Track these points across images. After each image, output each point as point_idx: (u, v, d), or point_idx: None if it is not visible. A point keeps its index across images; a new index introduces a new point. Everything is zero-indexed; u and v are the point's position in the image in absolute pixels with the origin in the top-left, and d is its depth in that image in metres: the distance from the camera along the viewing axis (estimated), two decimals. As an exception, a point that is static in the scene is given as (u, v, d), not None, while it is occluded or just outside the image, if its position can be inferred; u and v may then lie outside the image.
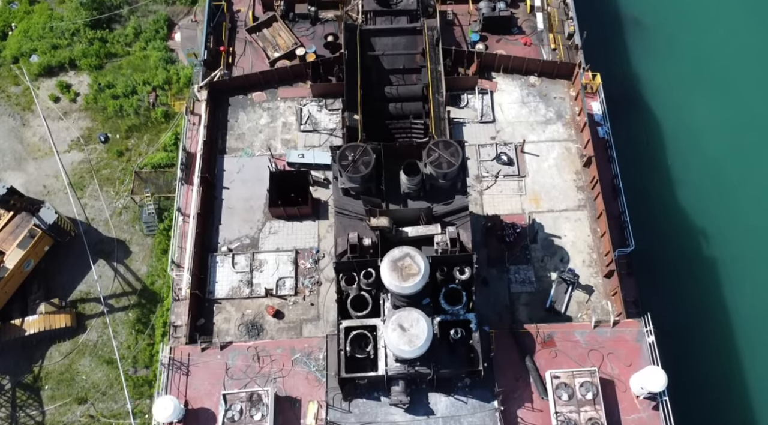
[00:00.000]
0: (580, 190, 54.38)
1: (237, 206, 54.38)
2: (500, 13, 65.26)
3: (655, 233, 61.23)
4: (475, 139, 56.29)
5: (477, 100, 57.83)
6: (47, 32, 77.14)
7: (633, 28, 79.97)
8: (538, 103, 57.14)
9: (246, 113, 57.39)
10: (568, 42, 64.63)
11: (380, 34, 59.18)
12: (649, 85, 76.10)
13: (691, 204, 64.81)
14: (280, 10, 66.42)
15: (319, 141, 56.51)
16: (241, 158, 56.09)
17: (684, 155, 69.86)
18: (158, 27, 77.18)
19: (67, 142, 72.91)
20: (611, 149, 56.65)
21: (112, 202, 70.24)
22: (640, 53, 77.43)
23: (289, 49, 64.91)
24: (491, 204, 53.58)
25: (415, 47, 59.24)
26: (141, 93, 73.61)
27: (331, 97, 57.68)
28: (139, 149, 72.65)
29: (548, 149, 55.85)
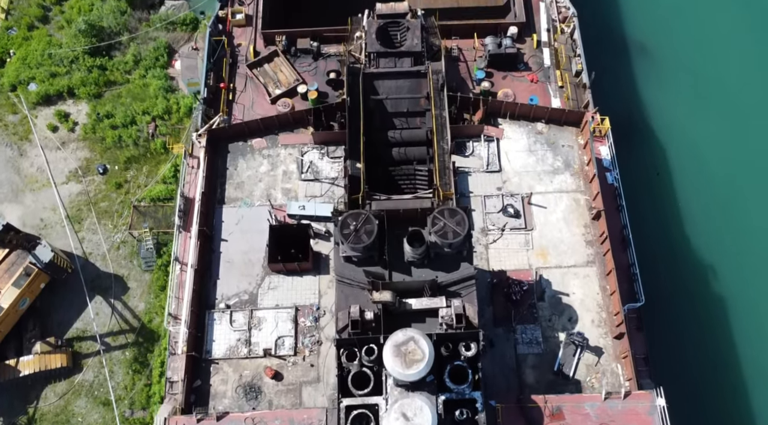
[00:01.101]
0: (588, 244, 50.85)
1: (235, 259, 50.81)
2: (506, 50, 61.54)
3: (665, 284, 57.37)
4: (481, 189, 52.82)
5: (483, 148, 54.28)
6: (46, 59, 73.14)
7: (638, 53, 76.81)
8: (546, 151, 53.54)
9: (246, 160, 53.76)
10: (576, 79, 60.85)
11: (384, 77, 55.23)
12: (656, 111, 72.86)
13: (703, 246, 61.30)
14: (281, 44, 62.64)
15: (320, 190, 52.92)
16: (240, 208, 52.58)
17: (693, 187, 66.75)
18: (158, 54, 73.20)
19: (64, 173, 69.11)
20: (620, 197, 53.15)
21: (110, 236, 66.51)
22: (647, 79, 74.20)
23: (291, 86, 61.35)
24: (497, 259, 50.05)
25: (419, 91, 55.61)
26: (140, 123, 69.89)
27: (333, 145, 53.57)
28: (138, 181, 68.93)
29: (556, 201, 52.31)
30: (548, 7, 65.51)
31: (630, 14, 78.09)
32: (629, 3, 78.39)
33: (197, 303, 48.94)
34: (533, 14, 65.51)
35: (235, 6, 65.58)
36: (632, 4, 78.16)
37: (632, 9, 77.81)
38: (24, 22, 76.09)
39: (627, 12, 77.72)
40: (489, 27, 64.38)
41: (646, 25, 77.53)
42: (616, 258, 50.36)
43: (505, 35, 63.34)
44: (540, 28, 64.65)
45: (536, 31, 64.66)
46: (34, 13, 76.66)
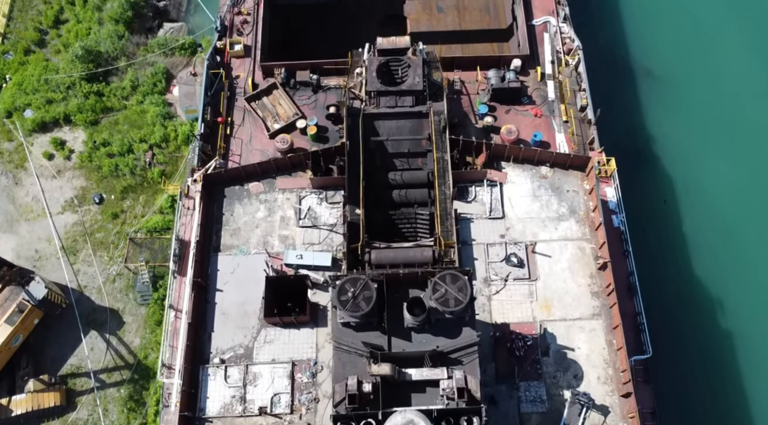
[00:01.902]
0: (594, 296, 47.87)
1: (231, 310, 47.87)
2: (510, 84, 58.46)
3: (673, 332, 54.57)
4: (484, 237, 49.83)
5: (485, 193, 51.31)
6: (42, 85, 70.01)
7: (644, 79, 73.94)
8: (551, 197, 50.38)
9: (242, 205, 50.62)
10: (581, 114, 57.48)
11: (384, 118, 52.14)
12: (662, 139, 70.01)
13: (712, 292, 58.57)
14: (280, 77, 59.38)
15: (318, 238, 49.93)
16: (236, 256, 49.59)
17: (702, 224, 64.12)
18: (156, 80, 70.14)
19: (60, 202, 66.09)
20: (627, 242, 50.07)
21: (106, 268, 63.57)
22: (653, 106, 71.33)
23: (290, 120, 58.34)
24: (500, 311, 47.11)
25: (421, 131, 52.74)
26: (137, 151, 66.87)
27: (332, 190, 50.52)
28: (135, 211, 65.96)
29: (561, 249, 49.36)
30: (552, 38, 62.06)
31: (635, 40, 75.08)
32: (634, 29, 75.74)
33: (191, 358, 45.59)
34: (537, 45, 61.95)
35: (233, 36, 61.56)
36: (637, 30, 75.50)
37: (638, 35, 75.09)
38: (20, 46, 72.88)
39: (632, 38, 74.74)
40: (492, 59, 60.91)
41: (651, 51, 74.61)
42: (622, 306, 47.69)
43: (509, 68, 59.80)
44: (544, 59, 61.32)
45: (540, 63, 60.98)
46: (30, 37, 73.43)
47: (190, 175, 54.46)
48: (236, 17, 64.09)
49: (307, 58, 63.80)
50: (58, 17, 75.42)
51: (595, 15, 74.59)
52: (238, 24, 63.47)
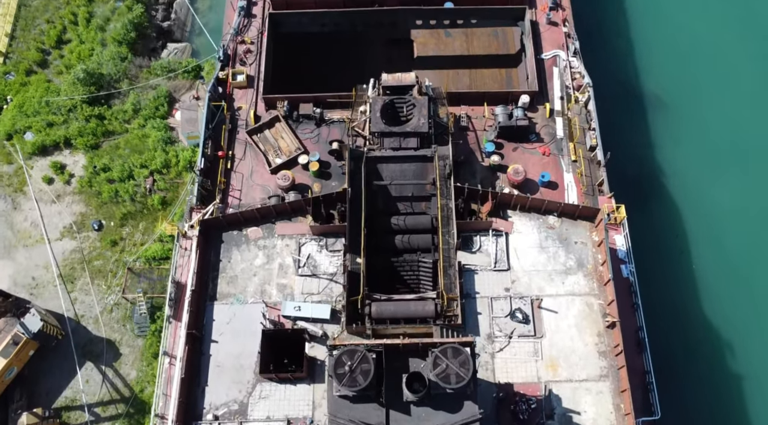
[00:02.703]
0: (602, 356, 44.90)
1: (226, 363, 44.99)
2: (517, 122, 55.40)
3: (683, 392, 51.61)
4: (488, 290, 46.85)
5: (491, 243, 48.17)
6: (43, 107, 67.00)
7: (654, 108, 71.10)
8: (558, 248, 47.06)
9: (240, 251, 47.38)
10: (590, 154, 54.27)
11: (388, 161, 48.81)
12: (672, 171, 67.30)
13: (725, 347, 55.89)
14: (283, 109, 55.98)
15: (318, 287, 46.95)
16: (233, 305, 46.62)
17: (714, 266, 61.78)
18: (158, 104, 67.11)
19: (59, 228, 63.16)
20: (636, 295, 46.95)
21: (104, 297, 60.77)
22: (663, 136, 68.41)
23: (292, 155, 55.22)
24: (503, 370, 44.21)
25: (425, 175, 49.80)
26: (138, 177, 63.65)
27: (332, 237, 47.27)
28: (134, 239, 62.99)
29: (568, 305, 46.30)
30: (562, 73, 58.69)
31: (646, 69, 71.92)
32: (645, 58, 72.65)
33: (183, 414, 42.57)
34: (546, 80, 58.42)
35: (236, 66, 58.28)
36: (648, 59, 72.46)
37: (648, 64, 72.11)
38: (22, 67, 69.87)
39: (643, 67, 71.66)
40: (500, 95, 57.46)
41: (662, 80, 71.50)
42: (630, 362, 45.06)
43: (516, 105, 56.38)
44: (553, 96, 57.85)
45: (549, 99, 57.56)
46: (32, 58, 70.29)
47: (188, 215, 51.29)
48: (239, 46, 60.34)
49: (311, 86, 61.02)
50: (61, 37, 72.42)
51: (605, 43, 71.51)
52: (242, 53, 60.35)
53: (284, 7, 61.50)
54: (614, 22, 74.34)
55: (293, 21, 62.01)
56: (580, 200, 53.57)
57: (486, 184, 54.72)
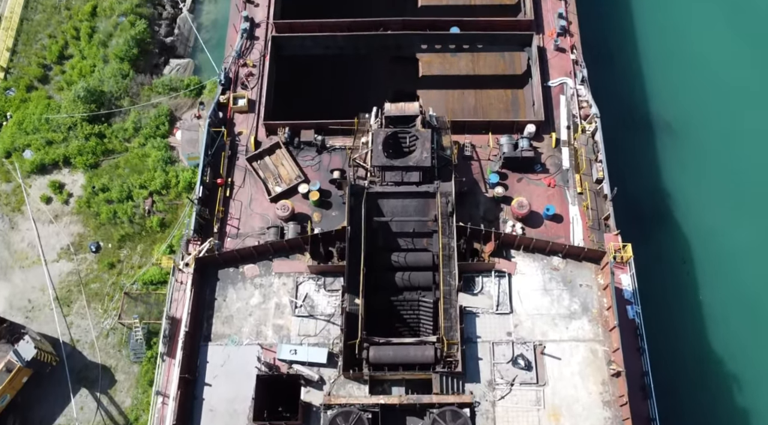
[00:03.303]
0: (606, 406, 42.91)
1: (219, 408, 43.00)
2: (523, 153, 53.25)
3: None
4: (490, 334, 44.81)
5: (493, 284, 46.07)
6: (42, 125, 64.92)
7: (663, 133, 68.66)
8: (562, 291, 44.72)
9: (236, 289, 45.05)
10: (596, 187, 52.04)
11: (389, 197, 46.54)
12: (680, 198, 64.91)
13: (732, 389, 53.05)
14: (284, 136, 53.62)
15: (315, 329, 44.95)
16: (227, 346, 44.67)
17: (720, 294, 59.67)
18: (159, 123, 65.06)
19: (56, 250, 61.10)
20: (642, 338, 44.63)
21: (100, 321, 58.80)
22: (671, 162, 66.10)
23: (292, 184, 53.07)
24: (504, 419, 42.34)
25: (427, 211, 47.89)
26: (137, 198, 61.54)
27: (330, 276, 45.08)
28: (132, 261, 60.92)
29: (571, 351, 44.15)
30: (569, 101, 56.24)
31: (654, 94, 69.23)
32: (654, 82, 70.35)
33: (172, 466, 40.53)
34: (552, 108, 56.01)
35: (237, 90, 55.96)
36: (657, 83, 70.08)
37: (657, 89, 69.78)
38: (23, 82, 67.75)
39: (651, 91, 69.03)
40: (505, 124, 55.03)
41: (671, 105, 69.06)
42: (634, 408, 43.24)
43: (522, 134, 54.04)
44: (560, 125, 55.43)
45: (555, 128, 55.19)
46: (33, 73, 68.10)
47: (184, 247, 49.13)
48: (241, 69, 57.92)
49: (314, 108, 59.66)
50: (63, 52, 70.06)
51: (614, 66, 69.65)
52: (243, 77, 57.86)
53: (287, 30, 59.24)
54: (623, 45, 72.11)
55: (296, 44, 59.86)
56: (585, 234, 51.33)
57: (490, 216, 52.68)
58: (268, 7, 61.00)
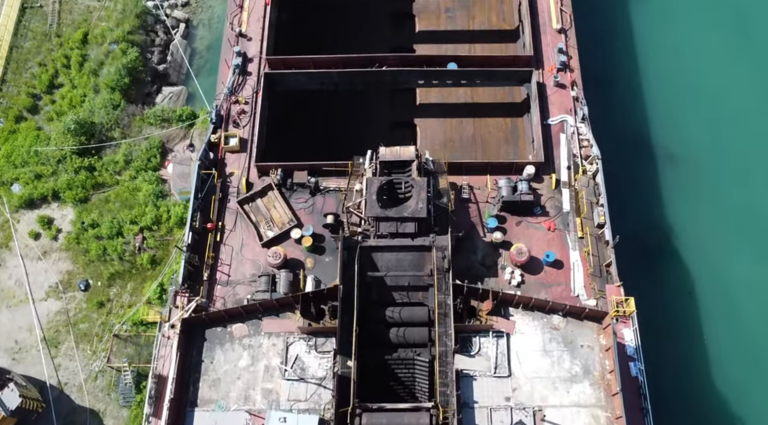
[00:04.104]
0: (608, 475, 39.40)
1: (206, 479, 39.54)
2: (522, 196, 50.71)
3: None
4: (487, 399, 42.10)
5: (491, 344, 43.19)
6: (32, 157, 62.11)
7: (666, 164, 65.86)
8: (563, 352, 42.06)
9: (224, 350, 42.40)
10: (598, 232, 49.23)
11: (383, 251, 43.62)
12: (683, 231, 62.30)
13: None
14: (276, 177, 50.63)
15: (305, 393, 42.27)
16: (214, 412, 41.99)
17: (724, 332, 57.32)
18: (151, 155, 61.97)
19: (44, 288, 58.40)
20: (645, 398, 42.04)
21: (89, 363, 56.11)
22: (675, 195, 63.42)
23: (285, 228, 50.21)
24: (502, 490, 38.67)
25: (422, 265, 45.40)
26: (127, 235, 58.62)
27: (322, 337, 42.06)
28: (122, 300, 58.25)
29: (572, 417, 41.79)
30: (569, 140, 53.26)
31: (656, 122, 66.36)
32: (656, 111, 67.68)
33: None
34: (552, 147, 53.06)
35: (229, 128, 52.94)
36: (659, 112, 67.49)
37: (659, 117, 67.17)
38: (12, 113, 64.82)
39: (653, 120, 66.30)
40: (503, 165, 52.10)
41: (673, 135, 66.73)
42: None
43: (521, 176, 51.34)
44: (560, 165, 52.49)
45: (555, 169, 52.36)
46: (23, 103, 65.17)
47: (172, 299, 46.29)
48: (233, 106, 54.89)
49: (309, 144, 57.92)
50: (53, 81, 66.85)
51: (614, 95, 67.44)
52: (235, 115, 54.86)
53: (281, 66, 56.35)
54: (623, 74, 68.73)
55: (290, 80, 56.88)
56: (586, 281, 49.00)
57: (488, 261, 50.23)
58: (261, 41, 57.89)
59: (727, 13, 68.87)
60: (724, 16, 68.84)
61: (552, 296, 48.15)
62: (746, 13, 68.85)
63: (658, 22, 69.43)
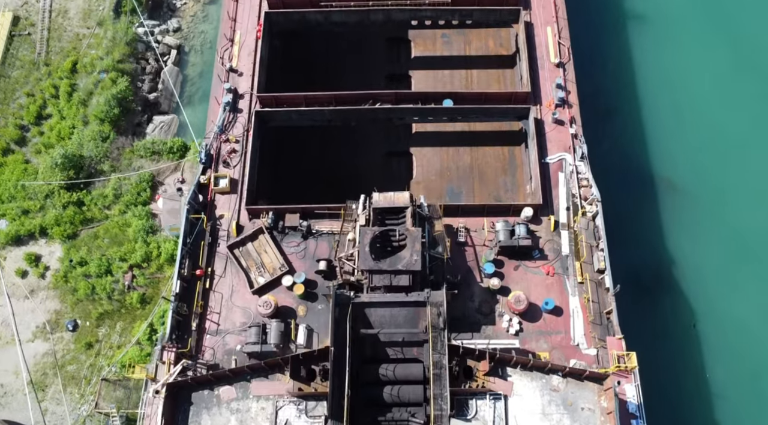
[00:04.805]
0: None
1: None
2: (520, 241, 48.36)
3: None
4: (485, 471, 38.75)
5: (488, 407, 41.23)
6: (19, 191, 59.74)
7: (666, 194, 63.72)
8: (562, 415, 40.01)
9: (210, 415, 40.18)
10: (598, 277, 47.55)
11: (376, 306, 41.18)
12: (685, 265, 60.06)
13: None
14: (267, 220, 48.26)
15: (296, 465, 39.08)
16: (201, 480, 38.68)
17: (728, 371, 55.11)
18: (140, 189, 59.43)
19: (31, 328, 56.18)
20: (649, 461, 39.18)
21: (76, 407, 53.93)
22: (675, 226, 61.35)
23: (276, 274, 47.76)
24: None
25: (417, 321, 43.34)
26: (116, 273, 56.19)
27: (312, 400, 39.79)
28: (111, 341, 56.00)
29: (572, 484, 38.28)
30: (568, 179, 50.93)
31: (658, 151, 64.20)
32: (657, 138, 65.32)
33: None
34: (551, 187, 50.57)
35: (219, 169, 50.48)
36: (660, 140, 65.17)
37: (660, 145, 64.93)
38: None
39: (654, 151, 63.95)
40: (501, 208, 49.75)
41: (675, 163, 64.68)
42: None
43: (519, 217, 49.27)
44: (558, 205, 50.17)
45: (554, 210, 50.05)
46: (10, 135, 62.77)
47: (158, 354, 43.98)
48: (224, 145, 52.38)
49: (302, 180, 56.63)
50: (41, 112, 64.20)
51: (614, 124, 65.37)
52: (225, 154, 52.32)
53: (272, 104, 53.57)
54: (623, 102, 66.45)
55: (282, 117, 54.24)
56: (586, 329, 47.19)
57: (485, 309, 48.22)
58: (252, 77, 55.31)
59: (724, 43, 66.74)
60: (721, 46, 66.65)
61: (551, 344, 45.76)
62: (744, 42, 66.62)
63: (656, 53, 67.25)
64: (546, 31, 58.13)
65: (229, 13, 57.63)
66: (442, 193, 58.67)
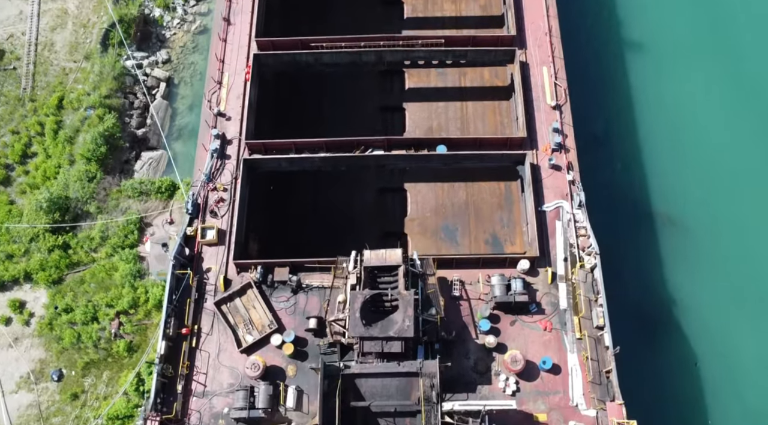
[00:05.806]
0: None
1: None
2: (516, 297, 46.19)
3: None
4: None
5: (485, 479, 37.45)
6: (3, 234, 56.61)
7: (664, 228, 61.22)
8: None
9: None
10: (597, 333, 46.02)
11: (367, 377, 38.45)
12: (684, 300, 57.86)
13: None
14: (256, 274, 45.49)
15: None
16: None
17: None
18: (128, 232, 56.44)
19: (15, 378, 53.62)
20: None
21: (61, 463, 50.31)
22: (674, 260, 59.03)
23: (265, 333, 45.40)
24: None
25: (409, 392, 41.12)
26: (102, 320, 53.53)
27: None
28: (97, 391, 53.39)
29: None
30: (565, 228, 48.18)
31: (655, 186, 61.49)
32: (655, 172, 63.06)
33: None
34: (548, 237, 47.92)
35: (206, 219, 47.57)
36: (658, 173, 62.85)
37: (658, 179, 62.55)
38: (-17, 186, 58.66)
39: (653, 184, 62.58)
40: (497, 260, 46.97)
41: (674, 197, 62.37)
42: None
43: (515, 270, 46.66)
44: (556, 256, 47.58)
45: (551, 262, 47.40)
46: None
47: (142, 420, 41.13)
48: (211, 193, 49.48)
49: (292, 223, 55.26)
50: (26, 151, 61.06)
51: (610, 152, 62.97)
52: (213, 203, 49.39)
53: (262, 151, 50.71)
54: (620, 136, 63.66)
55: (271, 164, 51.34)
56: (585, 389, 44.92)
57: (481, 367, 46.06)
58: (241, 121, 52.01)
59: (724, 78, 64.15)
60: (721, 81, 64.15)
61: (549, 405, 43.79)
62: (743, 74, 63.86)
63: (653, 87, 64.72)
64: (542, 71, 55.15)
65: (216, 54, 54.67)
66: (438, 230, 56.56)
